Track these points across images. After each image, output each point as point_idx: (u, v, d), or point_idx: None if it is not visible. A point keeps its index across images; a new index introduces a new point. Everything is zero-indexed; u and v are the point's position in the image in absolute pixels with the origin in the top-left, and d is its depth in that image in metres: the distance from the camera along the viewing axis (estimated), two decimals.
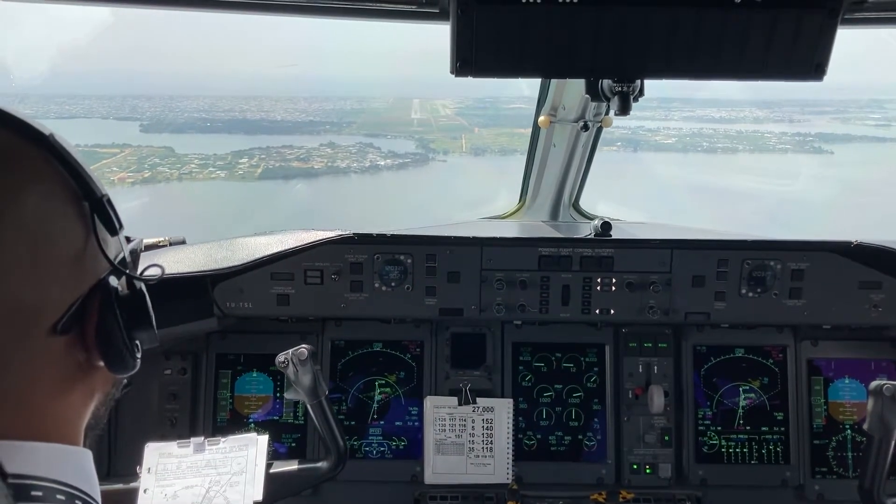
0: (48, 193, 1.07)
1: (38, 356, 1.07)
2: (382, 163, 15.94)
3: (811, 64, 1.90)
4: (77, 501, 1.07)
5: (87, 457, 1.16)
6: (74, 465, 1.12)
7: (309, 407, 2.86)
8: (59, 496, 1.05)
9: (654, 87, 2.13)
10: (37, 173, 1.07)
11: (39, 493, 1.02)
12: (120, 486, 2.73)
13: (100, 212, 1.12)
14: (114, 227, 1.15)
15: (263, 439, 2.80)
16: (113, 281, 1.14)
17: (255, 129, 16.83)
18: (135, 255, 1.31)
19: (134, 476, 2.73)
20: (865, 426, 2.78)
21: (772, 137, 17.91)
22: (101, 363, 1.14)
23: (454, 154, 17.19)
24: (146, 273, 1.27)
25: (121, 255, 1.18)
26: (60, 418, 1.13)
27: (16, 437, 1.05)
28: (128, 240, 1.30)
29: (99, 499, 1.14)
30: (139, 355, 1.20)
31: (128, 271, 1.18)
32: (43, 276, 1.05)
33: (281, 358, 2.79)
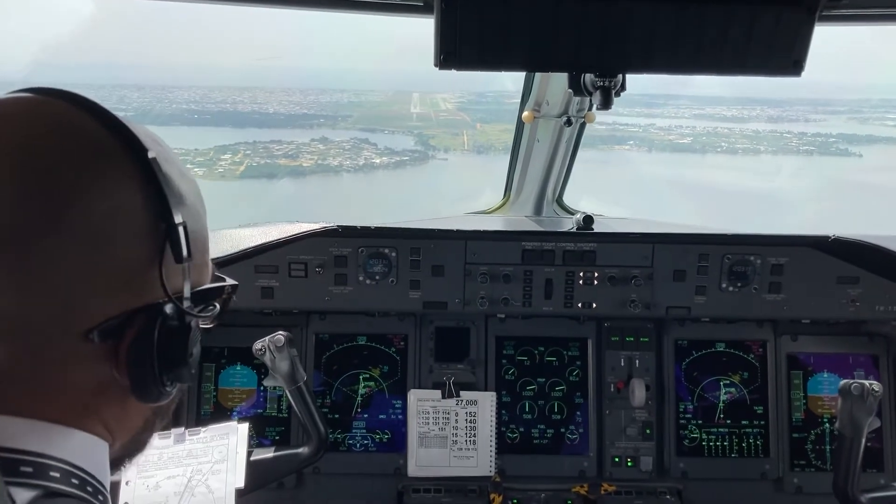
0: (125, 205, 1.08)
1: (68, 355, 1.07)
2: (378, 161, 14.96)
3: (789, 60, 1.94)
4: (88, 487, 1.08)
5: (102, 447, 1.17)
6: (89, 451, 1.13)
7: (287, 393, 2.87)
8: (73, 479, 1.06)
9: (657, 83, 2.15)
10: (122, 183, 1.08)
11: (56, 475, 1.04)
12: None
13: (172, 237, 1.11)
14: (180, 255, 1.13)
15: (244, 427, 2.80)
16: (169, 308, 1.13)
17: (244, 122, 15.98)
18: (220, 294, 1.29)
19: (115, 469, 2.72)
20: (836, 425, 2.82)
21: (792, 138, 17.35)
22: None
23: (455, 152, 16.30)
24: (204, 313, 1.23)
25: (186, 287, 1.16)
26: (91, 424, 1.13)
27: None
28: (221, 279, 1.31)
29: (108, 487, 1.15)
30: (169, 389, 1.17)
31: (184, 305, 1.16)
32: (94, 279, 1.05)
33: (258, 345, 2.80)
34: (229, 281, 1.34)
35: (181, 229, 1.12)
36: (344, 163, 14.83)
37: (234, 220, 3.55)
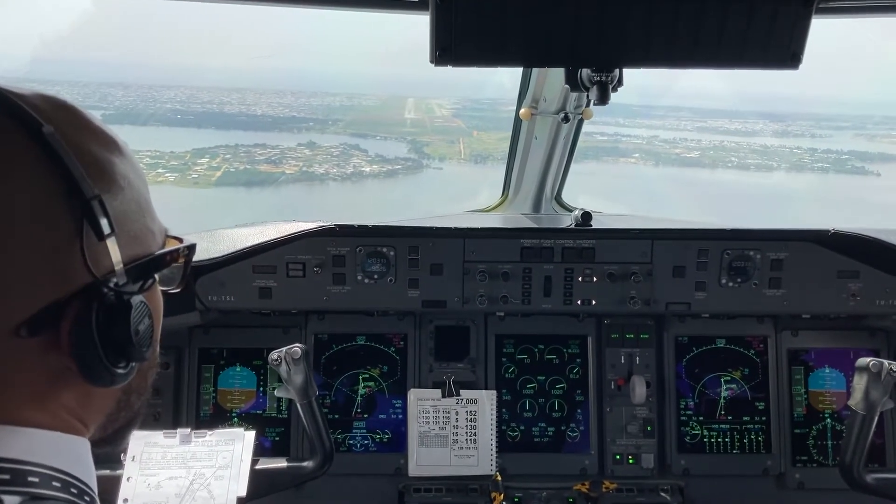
0: (24, 189, 1.01)
1: (8, 354, 1.02)
2: (368, 169, 14.10)
3: (787, 52, 1.93)
4: (72, 489, 1.06)
5: (83, 445, 1.14)
6: (69, 452, 1.10)
7: (298, 406, 2.88)
8: (55, 483, 1.03)
9: (657, 93, 2.14)
10: (17, 166, 1.00)
11: (36, 480, 1.01)
12: (105, 471, 2.69)
13: (88, 214, 1.03)
14: (100, 232, 1.04)
15: (250, 435, 2.80)
16: (104, 288, 1.06)
17: (228, 124, 15.03)
18: (174, 259, 1.24)
19: (118, 464, 2.71)
20: (850, 402, 2.81)
21: (803, 154, 16.80)
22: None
23: (451, 161, 15.43)
24: (145, 286, 1.17)
25: (118, 264, 1.09)
26: (54, 413, 1.10)
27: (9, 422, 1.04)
28: (179, 240, 1.26)
29: (94, 485, 1.13)
30: (122, 370, 1.12)
31: (119, 282, 1.09)
32: (10, 272, 1.00)
33: (274, 356, 2.82)
34: (186, 241, 1.28)
35: (96, 203, 1.03)
36: (331, 170, 13.90)
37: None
